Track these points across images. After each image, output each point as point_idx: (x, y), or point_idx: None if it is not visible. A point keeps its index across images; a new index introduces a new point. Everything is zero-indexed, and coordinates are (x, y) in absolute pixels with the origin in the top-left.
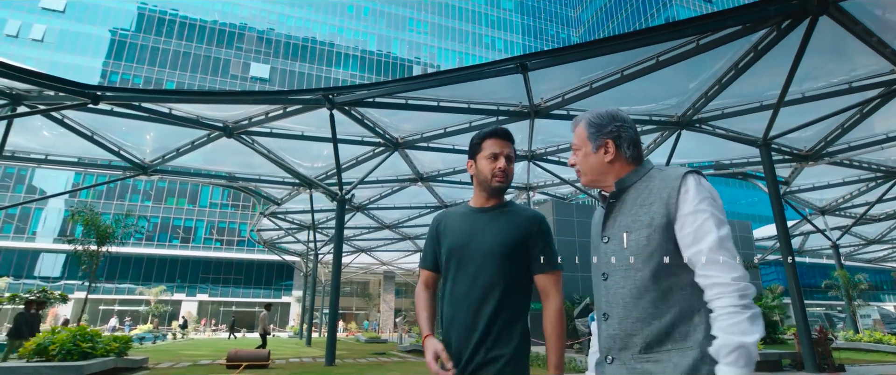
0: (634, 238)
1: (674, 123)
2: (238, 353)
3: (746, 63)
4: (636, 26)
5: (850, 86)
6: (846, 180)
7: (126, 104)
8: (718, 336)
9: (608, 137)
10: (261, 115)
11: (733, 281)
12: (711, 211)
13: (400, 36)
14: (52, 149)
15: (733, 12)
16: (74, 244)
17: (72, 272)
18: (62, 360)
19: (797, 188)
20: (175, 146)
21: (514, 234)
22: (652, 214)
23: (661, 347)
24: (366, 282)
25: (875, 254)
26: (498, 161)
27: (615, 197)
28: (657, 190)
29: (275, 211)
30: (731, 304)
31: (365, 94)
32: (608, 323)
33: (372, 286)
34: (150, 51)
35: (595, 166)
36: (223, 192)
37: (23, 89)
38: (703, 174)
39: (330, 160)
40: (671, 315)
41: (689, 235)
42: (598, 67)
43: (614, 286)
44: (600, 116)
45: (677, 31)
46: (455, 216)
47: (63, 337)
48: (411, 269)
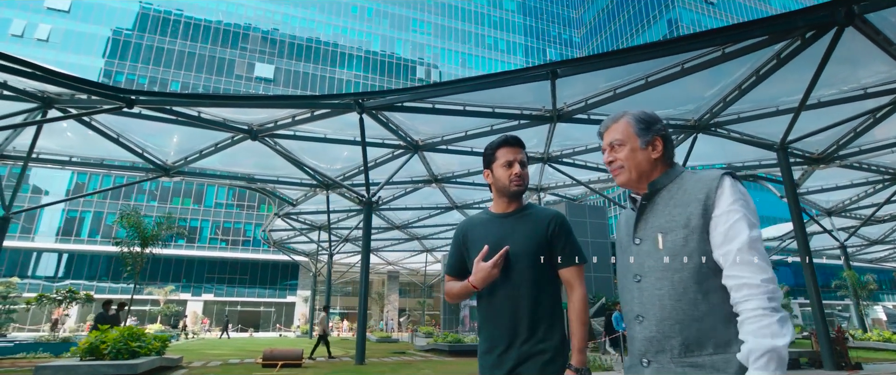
0: (671, 239)
1: (691, 127)
2: (273, 352)
3: (768, 70)
4: (638, 28)
5: (865, 92)
6: (854, 182)
7: (159, 108)
8: (747, 339)
9: (657, 135)
10: (287, 119)
11: (763, 283)
12: (744, 212)
13: (403, 36)
14: (75, 150)
15: (762, 23)
16: (121, 245)
17: (77, 272)
18: (114, 359)
19: (806, 190)
20: (198, 148)
21: (541, 235)
22: (688, 215)
23: (701, 351)
24: (369, 282)
25: (877, 254)
26: (513, 167)
27: (647, 199)
28: (693, 190)
29: (289, 211)
30: (760, 306)
31: (395, 99)
32: (643, 326)
33: (375, 286)
34: (155, 51)
35: (641, 163)
36: (228, 192)
37: (54, 92)
38: (738, 177)
39: (347, 162)
40: (711, 318)
41: (721, 235)
42: (623, 73)
43: (650, 287)
44: (648, 115)
45: (707, 41)
46: (480, 224)
47: (114, 337)
48: (417, 269)
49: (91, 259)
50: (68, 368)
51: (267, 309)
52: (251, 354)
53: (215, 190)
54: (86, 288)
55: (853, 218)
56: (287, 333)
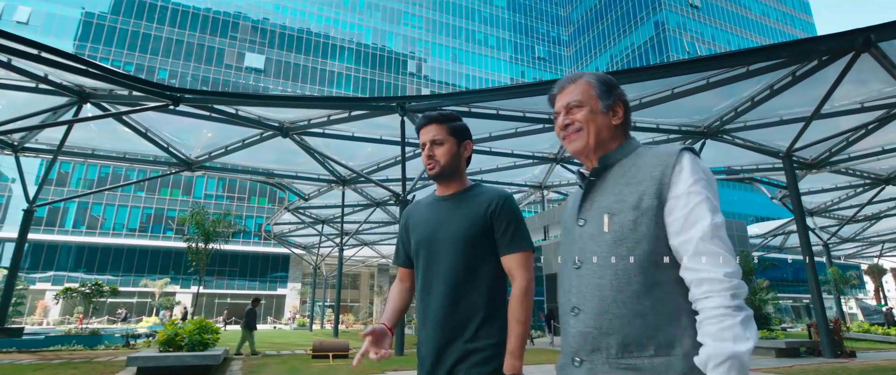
0: (618, 221)
1: (700, 133)
2: (322, 344)
3: (782, 86)
4: (625, 28)
5: (862, 106)
6: (838, 186)
7: (202, 106)
8: (706, 343)
9: (619, 100)
10: (323, 118)
11: (726, 278)
12: (706, 193)
13: (395, 30)
14: (96, 143)
15: (789, 47)
16: (189, 242)
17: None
18: (190, 350)
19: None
20: (224, 143)
21: (478, 218)
22: (640, 194)
23: (641, 352)
24: (357, 274)
25: (846, 251)
26: (425, 150)
27: (597, 175)
28: (648, 167)
29: (299, 205)
30: (722, 305)
31: (437, 103)
32: (579, 319)
33: (363, 278)
34: (141, 37)
35: (602, 128)
36: (218, 184)
37: (91, 87)
38: (698, 153)
39: (365, 160)
40: (656, 315)
41: (679, 220)
42: (653, 85)
43: (589, 276)
44: (609, 77)
45: (736, 60)
46: (422, 207)
47: (190, 330)
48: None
49: (104, 251)
50: (158, 358)
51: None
52: (282, 346)
53: (204, 181)
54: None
55: (833, 218)
56: (282, 326)
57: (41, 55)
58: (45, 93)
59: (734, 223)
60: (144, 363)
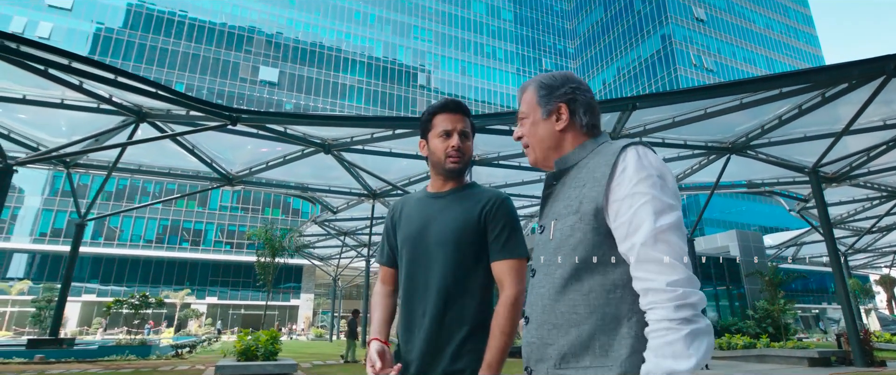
0: (559, 227)
1: (725, 148)
2: None
3: (811, 106)
4: (632, 41)
5: (884, 123)
6: (855, 198)
7: (256, 125)
8: (648, 358)
9: (561, 101)
10: (366, 136)
11: (669, 288)
12: (652, 193)
13: (405, 43)
14: (140, 158)
15: (824, 71)
16: (260, 256)
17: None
18: (265, 359)
19: (813, 205)
20: (265, 159)
21: (472, 219)
22: (581, 198)
23: (577, 362)
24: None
25: (857, 262)
26: (451, 138)
27: (556, 179)
28: (593, 167)
29: (327, 218)
30: (665, 318)
31: (481, 123)
32: (527, 329)
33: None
34: (159, 51)
35: (544, 137)
36: (233, 196)
37: (149, 107)
38: (651, 147)
39: (397, 173)
40: (591, 324)
41: (624, 226)
42: (687, 106)
43: (536, 284)
44: (553, 78)
45: (771, 83)
46: (411, 203)
47: (264, 340)
48: None
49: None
50: (243, 367)
51: (270, 312)
52: (315, 357)
53: (220, 193)
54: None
55: (849, 229)
56: (298, 337)
57: (118, 79)
58: (105, 112)
59: (751, 234)
60: (233, 371)
